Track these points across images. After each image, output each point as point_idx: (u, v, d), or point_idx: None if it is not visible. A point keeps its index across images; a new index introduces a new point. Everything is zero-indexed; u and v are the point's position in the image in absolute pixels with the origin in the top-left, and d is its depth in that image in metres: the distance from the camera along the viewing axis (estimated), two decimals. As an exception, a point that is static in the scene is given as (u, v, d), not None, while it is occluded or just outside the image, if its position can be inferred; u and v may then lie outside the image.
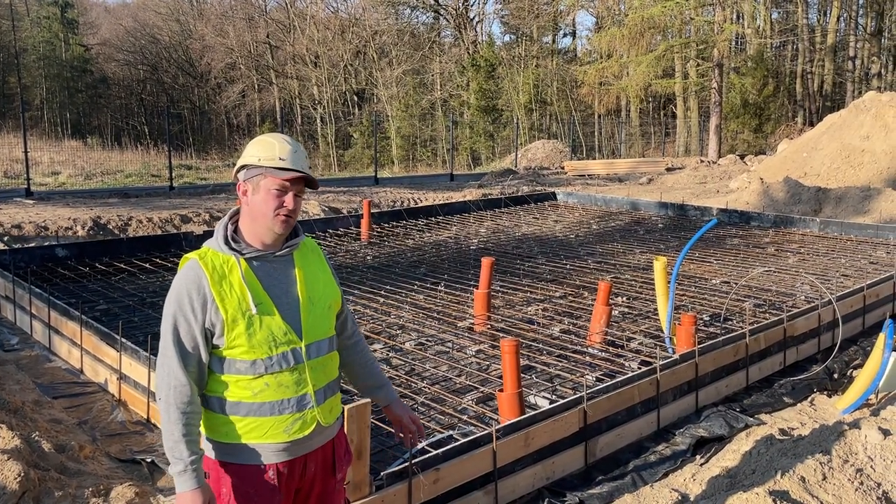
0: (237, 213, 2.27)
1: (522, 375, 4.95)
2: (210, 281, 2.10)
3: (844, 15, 40.62)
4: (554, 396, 4.77)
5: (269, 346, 2.13)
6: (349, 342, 2.53)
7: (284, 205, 2.17)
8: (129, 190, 16.38)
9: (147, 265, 8.66)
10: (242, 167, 2.23)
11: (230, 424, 2.15)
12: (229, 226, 2.23)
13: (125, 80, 52.52)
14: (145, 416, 4.83)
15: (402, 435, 2.58)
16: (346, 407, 3.14)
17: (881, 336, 5.13)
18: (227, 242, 2.18)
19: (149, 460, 4.23)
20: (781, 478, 3.54)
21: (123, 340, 5.06)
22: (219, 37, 46.64)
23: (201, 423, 2.16)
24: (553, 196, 15.23)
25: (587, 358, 5.57)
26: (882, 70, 39.75)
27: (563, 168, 25.74)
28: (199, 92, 50.71)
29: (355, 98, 44.33)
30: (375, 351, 5.76)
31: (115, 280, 8.06)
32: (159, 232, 11.34)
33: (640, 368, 5.00)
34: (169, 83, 51.53)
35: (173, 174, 18.03)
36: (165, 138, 18.28)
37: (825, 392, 5.55)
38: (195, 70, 50.12)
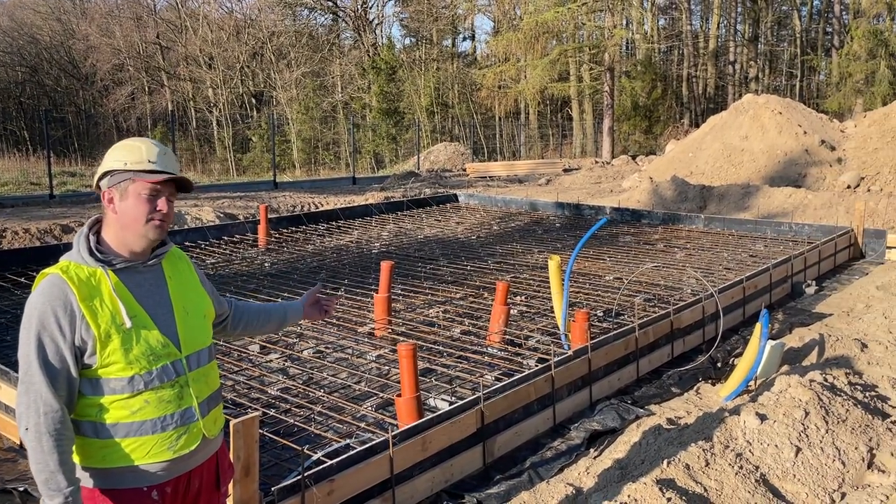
0: (97, 222, 2.13)
1: (422, 378, 4.94)
2: (78, 296, 1.95)
3: (724, 22, 43.11)
4: (454, 398, 4.77)
5: (147, 361, 2.01)
6: (237, 318, 2.55)
7: (158, 209, 2.07)
8: (3, 199, 15.26)
9: (22, 279, 8.09)
10: (106, 174, 2.09)
11: (107, 448, 2.01)
12: (91, 236, 2.08)
13: (1, 83, 49.03)
14: (17, 443, 4.48)
15: (325, 307, 2.74)
16: (233, 422, 3.02)
17: (758, 325, 5.43)
18: (91, 254, 2.04)
19: (21, 489, 3.93)
20: (668, 466, 3.67)
21: (-9, 362, 4.69)
22: (104, 37, 44.32)
23: (73, 450, 2.01)
24: (455, 198, 15.35)
25: (486, 358, 5.62)
26: (759, 73, 42.47)
27: (465, 170, 26.01)
28: (84, 94, 47.98)
29: (253, 101, 43.22)
30: (271, 361, 5.60)
31: (-13, 297, 7.48)
32: (37, 243, 10.62)
33: (537, 366, 5.08)
34: (51, 85, 48.47)
35: (55, 182, 16.97)
36: (45, 143, 17.14)
37: (710, 381, 5.82)
38: (79, 72, 47.41)
